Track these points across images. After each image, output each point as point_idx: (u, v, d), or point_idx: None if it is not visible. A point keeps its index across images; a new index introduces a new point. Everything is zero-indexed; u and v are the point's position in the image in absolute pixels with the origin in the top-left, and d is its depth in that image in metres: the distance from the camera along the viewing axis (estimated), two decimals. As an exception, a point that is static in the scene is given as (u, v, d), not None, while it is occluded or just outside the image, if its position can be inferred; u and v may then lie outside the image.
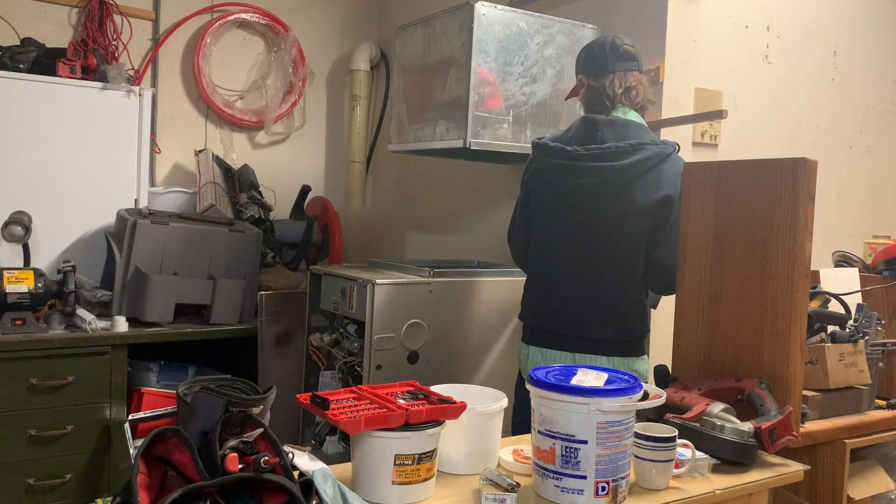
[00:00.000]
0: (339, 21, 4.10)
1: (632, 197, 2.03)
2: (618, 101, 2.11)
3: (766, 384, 1.83)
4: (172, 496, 1.07)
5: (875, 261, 2.56)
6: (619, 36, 2.17)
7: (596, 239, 2.09)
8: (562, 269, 2.15)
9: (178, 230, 2.97)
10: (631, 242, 2.08)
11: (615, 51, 2.12)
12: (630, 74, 2.12)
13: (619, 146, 2.03)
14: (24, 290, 2.66)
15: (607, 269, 2.09)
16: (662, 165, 2.04)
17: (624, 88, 2.10)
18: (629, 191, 2.03)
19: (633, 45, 2.16)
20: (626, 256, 2.09)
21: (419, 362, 2.50)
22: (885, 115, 3.27)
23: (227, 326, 3.04)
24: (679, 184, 2.03)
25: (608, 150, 2.03)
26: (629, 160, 2.02)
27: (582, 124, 2.13)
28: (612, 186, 2.04)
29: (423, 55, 2.68)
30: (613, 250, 2.08)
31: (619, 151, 2.03)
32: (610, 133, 2.07)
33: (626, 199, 2.04)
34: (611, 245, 2.08)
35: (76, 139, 3.07)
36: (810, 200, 1.85)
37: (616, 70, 2.11)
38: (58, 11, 3.39)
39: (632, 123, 2.10)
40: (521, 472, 1.58)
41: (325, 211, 3.75)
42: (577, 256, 2.12)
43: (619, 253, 2.08)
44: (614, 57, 2.11)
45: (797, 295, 1.85)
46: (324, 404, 1.43)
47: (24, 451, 2.62)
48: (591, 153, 2.05)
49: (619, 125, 2.08)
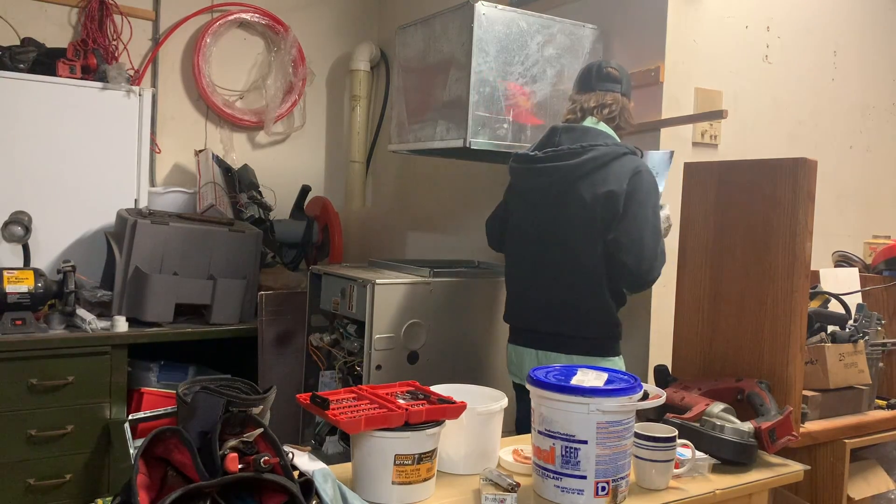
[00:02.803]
0: (339, 21, 4.10)
1: (579, 193, 2.13)
2: (588, 113, 2.25)
3: (766, 384, 1.84)
4: (172, 496, 1.07)
5: (875, 261, 2.57)
6: (610, 61, 2.33)
7: (551, 237, 2.20)
8: (525, 267, 2.29)
9: (178, 230, 2.97)
10: (582, 239, 2.14)
11: (599, 72, 2.28)
12: (609, 94, 2.25)
13: (572, 148, 2.16)
14: (24, 290, 2.66)
15: (564, 267, 2.18)
16: (612, 164, 2.13)
17: (598, 104, 2.24)
18: (577, 187, 2.13)
19: (620, 70, 2.29)
20: (580, 253, 2.15)
21: (419, 362, 2.50)
22: (885, 115, 3.27)
23: (227, 326, 3.03)
24: (629, 182, 2.09)
25: (561, 151, 2.18)
26: (578, 160, 2.14)
27: (547, 132, 2.28)
28: (562, 184, 2.16)
29: (423, 55, 2.68)
30: (567, 247, 2.17)
31: (571, 153, 2.16)
32: (566, 138, 2.21)
33: (574, 196, 2.14)
34: (565, 242, 2.17)
35: (76, 139, 3.07)
36: (810, 200, 1.85)
37: (596, 89, 2.26)
38: (58, 11, 3.38)
39: (590, 129, 2.21)
40: (521, 472, 1.58)
41: (325, 211, 3.75)
42: (537, 254, 2.24)
43: (573, 250, 2.16)
44: (598, 77, 2.27)
45: (797, 295, 1.85)
46: (324, 404, 1.43)
47: (24, 451, 2.62)
48: (546, 156, 2.20)
49: (576, 131, 2.22)
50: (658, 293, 2.48)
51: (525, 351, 2.28)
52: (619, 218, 2.08)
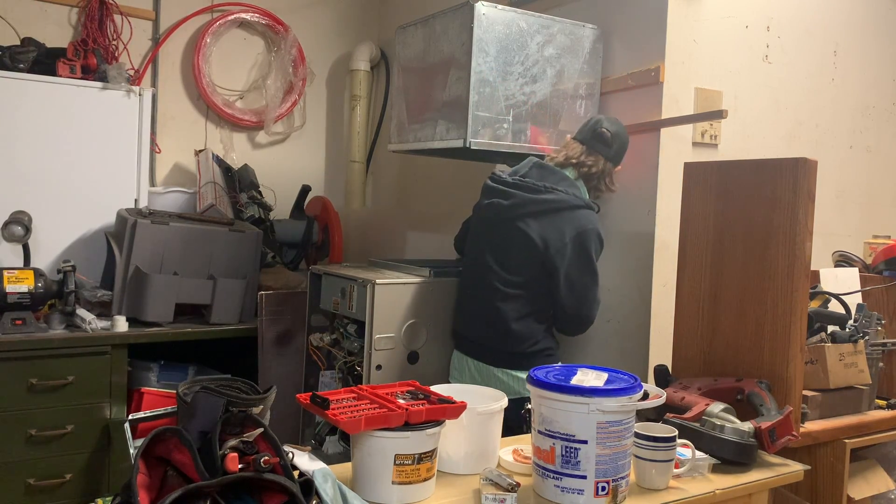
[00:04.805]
0: (339, 21, 4.10)
1: (524, 227, 2.26)
2: (567, 164, 2.36)
3: (766, 384, 1.84)
4: (172, 496, 1.07)
5: (875, 261, 2.56)
6: (608, 119, 2.39)
7: (492, 255, 2.34)
8: (468, 277, 2.46)
9: (178, 230, 2.97)
10: (515, 267, 2.29)
11: (595, 129, 2.37)
12: (593, 156, 2.35)
13: (536, 184, 2.30)
14: (24, 290, 2.66)
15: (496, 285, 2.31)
16: (564, 212, 2.25)
17: (579, 161, 2.35)
18: (525, 221, 2.27)
19: (616, 134, 2.36)
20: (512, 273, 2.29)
21: (419, 362, 2.50)
22: (885, 115, 3.26)
23: (227, 326, 3.03)
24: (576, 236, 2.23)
25: (526, 183, 2.32)
26: (535, 196, 2.28)
27: (526, 163, 2.42)
28: (513, 211, 2.29)
29: (423, 55, 2.68)
30: (501, 264, 2.31)
31: (533, 188, 2.30)
32: (535, 173, 2.36)
33: (519, 227, 2.27)
34: (502, 264, 2.31)
35: (76, 139, 3.07)
36: (810, 200, 1.85)
37: (586, 144, 2.36)
38: (58, 11, 3.38)
39: (559, 173, 2.35)
40: (521, 472, 1.58)
41: (325, 211, 3.75)
42: (478, 268, 2.38)
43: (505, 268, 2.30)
44: (591, 134, 2.37)
45: (797, 295, 1.85)
46: (324, 404, 1.43)
47: (24, 451, 2.62)
48: (513, 181, 2.35)
49: (546, 170, 2.36)
50: (658, 293, 2.48)
51: (456, 355, 2.45)
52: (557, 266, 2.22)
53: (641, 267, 2.51)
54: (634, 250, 2.53)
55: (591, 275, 2.27)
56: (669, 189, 2.47)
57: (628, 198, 2.53)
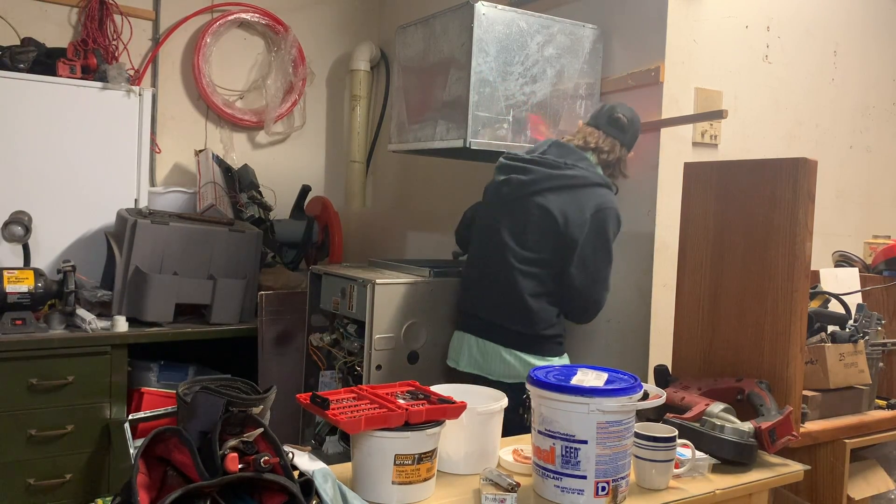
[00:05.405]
0: (339, 21, 4.10)
1: (544, 202, 2.22)
2: (587, 148, 2.33)
3: (766, 384, 1.84)
4: (172, 496, 1.07)
5: (875, 261, 2.56)
6: (624, 109, 2.37)
7: (508, 231, 2.28)
8: (480, 255, 2.39)
9: (178, 230, 2.97)
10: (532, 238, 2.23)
11: (610, 115, 2.35)
12: (609, 140, 2.33)
13: (556, 160, 2.28)
14: (24, 290, 2.66)
15: (511, 257, 2.25)
16: (584, 189, 2.23)
17: (597, 146, 2.33)
18: (545, 196, 2.23)
19: (631, 120, 2.35)
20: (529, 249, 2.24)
21: (419, 362, 2.50)
22: (885, 115, 3.26)
23: (227, 326, 3.03)
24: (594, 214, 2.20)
25: (545, 159, 2.29)
26: (555, 171, 2.25)
27: (544, 142, 2.41)
28: (530, 187, 2.25)
29: (423, 55, 2.68)
30: (518, 241, 2.25)
31: (553, 164, 2.27)
32: (555, 150, 2.34)
33: (539, 201, 2.23)
34: (517, 236, 2.26)
35: (76, 139, 3.07)
36: (810, 200, 1.85)
37: (601, 129, 2.35)
38: (58, 11, 3.38)
39: (578, 152, 2.32)
40: (521, 472, 1.58)
41: (325, 211, 3.75)
42: (492, 245, 2.32)
43: (523, 245, 2.25)
44: (607, 120, 2.35)
45: (797, 295, 1.85)
46: (324, 404, 1.43)
47: (24, 451, 2.62)
48: (531, 157, 2.32)
49: (565, 147, 2.34)
50: (658, 293, 2.48)
51: (465, 336, 2.36)
52: (576, 239, 2.19)
53: (641, 267, 2.51)
54: (634, 250, 2.53)
55: (606, 254, 2.23)
56: (669, 189, 2.47)
57: (628, 198, 2.53)
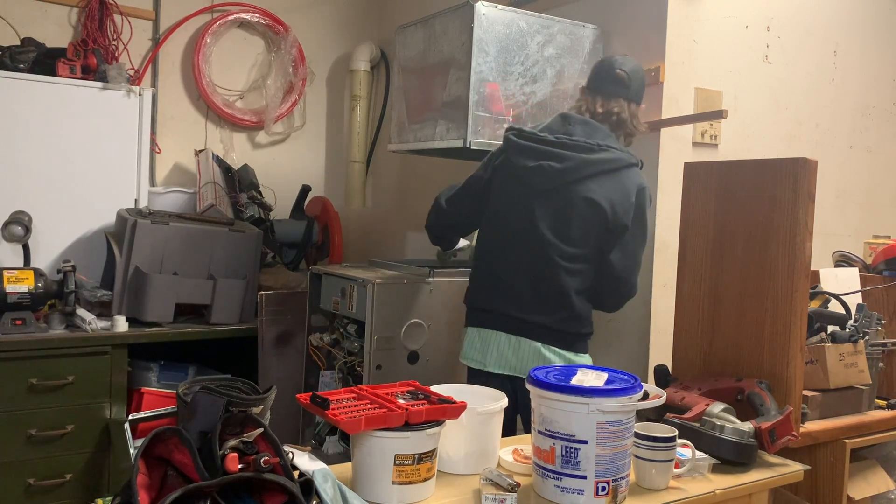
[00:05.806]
0: (339, 21, 4.10)
1: (587, 190, 2.08)
2: (595, 117, 2.18)
3: (766, 384, 1.84)
4: (172, 496, 1.07)
5: (875, 261, 2.56)
6: (622, 61, 2.22)
7: (547, 223, 2.11)
8: (511, 249, 2.17)
9: (178, 230, 2.97)
10: (578, 235, 2.10)
11: (609, 72, 2.20)
12: (614, 101, 2.18)
13: (588, 142, 2.11)
14: (24, 290, 2.66)
15: (555, 254, 2.10)
16: (623, 171, 2.11)
17: (606, 111, 2.18)
18: (586, 183, 2.08)
19: (631, 72, 2.19)
20: (573, 245, 2.10)
21: (419, 362, 2.50)
22: (885, 115, 3.26)
23: (227, 326, 3.03)
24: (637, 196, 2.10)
25: (577, 142, 2.11)
26: (592, 156, 2.09)
27: (558, 118, 2.20)
28: (572, 174, 2.09)
29: (423, 55, 2.68)
30: (561, 236, 2.10)
31: (587, 147, 2.10)
32: (580, 129, 2.14)
33: (580, 190, 2.08)
34: (560, 231, 2.10)
35: (76, 139, 3.07)
36: (810, 200, 1.85)
37: (604, 91, 2.19)
38: (58, 11, 3.38)
39: (602, 128, 2.16)
40: (521, 472, 1.58)
41: (325, 211, 3.75)
42: (527, 237, 2.14)
43: (566, 240, 2.10)
44: (607, 79, 2.20)
45: (797, 295, 1.85)
46: (324, 404, 1.43)
47: (24, 451, 2.62)
48: (559, 141, 2.12)
49: (590, 125, 2.16)
50: (658, 293, 2.48)
51: (494, 335, 2.17)
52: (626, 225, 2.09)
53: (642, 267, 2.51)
54: (634, 250, 2.52)
55: (643, 235, 2.15)
56: (669, 189, 2.47)
57: (628, 198, 2.53)
